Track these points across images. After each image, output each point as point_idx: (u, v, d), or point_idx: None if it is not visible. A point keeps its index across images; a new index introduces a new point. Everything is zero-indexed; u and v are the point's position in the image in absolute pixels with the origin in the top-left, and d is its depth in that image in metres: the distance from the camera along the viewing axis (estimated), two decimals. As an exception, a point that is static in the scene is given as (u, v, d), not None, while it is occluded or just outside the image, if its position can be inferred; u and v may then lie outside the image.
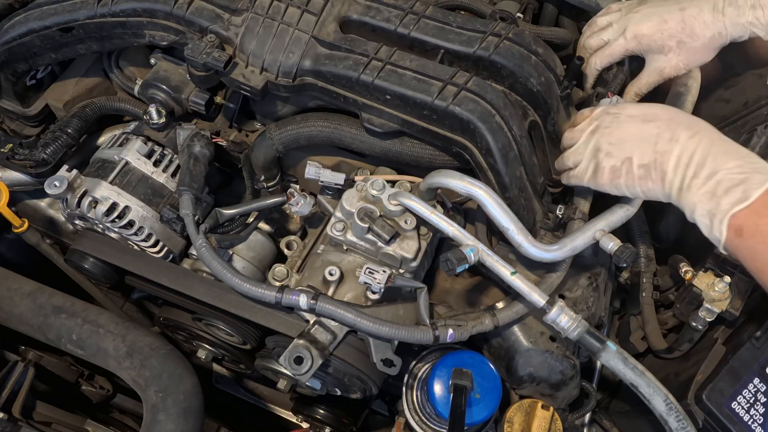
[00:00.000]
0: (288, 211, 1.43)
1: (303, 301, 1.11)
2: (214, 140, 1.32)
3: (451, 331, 1.12)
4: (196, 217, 1.20)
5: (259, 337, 1.35)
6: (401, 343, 1.22)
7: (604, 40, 1.28)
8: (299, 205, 1.22)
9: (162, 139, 1.33)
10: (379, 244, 1.16)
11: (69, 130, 1.35)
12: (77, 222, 1.35)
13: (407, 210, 1.16)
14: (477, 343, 1.33)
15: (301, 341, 1.12)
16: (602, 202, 1.29)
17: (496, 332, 1.25)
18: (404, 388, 1.28)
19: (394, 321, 1.13)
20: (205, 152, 1.26)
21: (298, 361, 1.10)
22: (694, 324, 1.22)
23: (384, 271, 1.11)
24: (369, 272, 1.11)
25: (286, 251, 1.40)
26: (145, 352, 1.20)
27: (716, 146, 1.00)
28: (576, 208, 1.24)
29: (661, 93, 1.65)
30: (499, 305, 1.21)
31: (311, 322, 1.16)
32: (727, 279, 1.20)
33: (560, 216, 1.23)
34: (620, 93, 1.29)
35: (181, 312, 1.39)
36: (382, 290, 1.12)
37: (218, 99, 1.37)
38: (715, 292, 1.19)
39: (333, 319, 1.14)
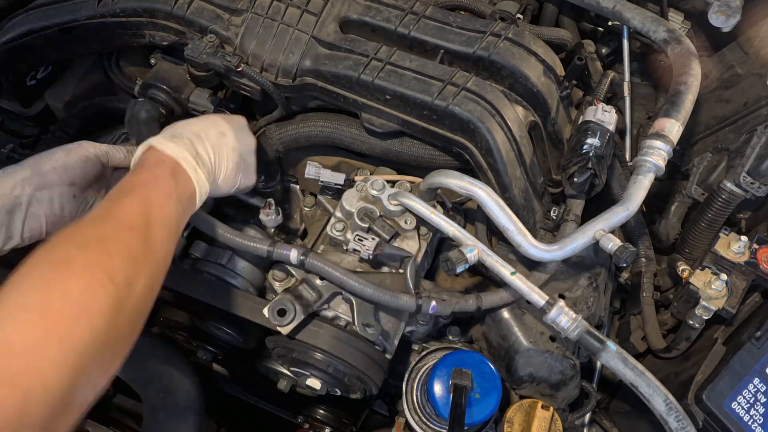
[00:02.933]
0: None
1: (293, 255, 1.13)
2: None
3: (434, 303, 1.12)
4: None
5: (259, 337, 1.35)
6: (401, 341, 1.22)
7: None
8: (267, 217, 1.27)
9: (162, 139, 1.33)
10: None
11: (69, 130, 1.35)
12: (77, 222, 1.35)
13: (407, 210, 1.16)
14: (477, 343, 1.33)
15: (287, 295, 1.13)
16: (600, 202, 1.29)
17: (496, 332, 1.26)
18: (404, 388, 1.28)
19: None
20: None
21: (282, 312, 1.12)
22: (691, 322, 1.23)
23: (373, 239, 1.12)
24: (359, 239, 1.13)
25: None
26: (145, 352, 1.20)
27: None
28: (569, 209, 1.25)
29: (662, 91, 1.65)
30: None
31: (298, 279, 1.17)
32: (724, 277, 1.20)
33: (554, 217, 1.23)
34: (607, 101, 1.29)
35: (181, 312, 1.39)
36: (371, 257, 1.13)
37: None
38: (711, 290, 1.20)
39: (321, 276, 1.15)
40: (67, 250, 0.76)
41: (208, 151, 1.05)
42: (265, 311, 1.13)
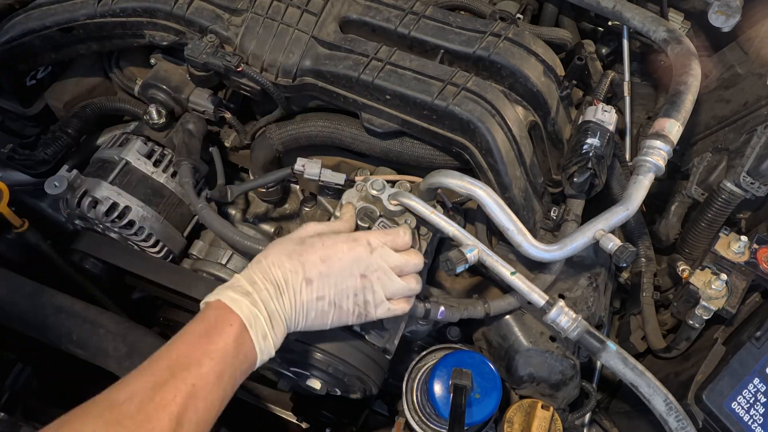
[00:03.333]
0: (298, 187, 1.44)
1: None
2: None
3: (442, 308, 1.13)
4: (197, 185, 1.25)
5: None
6: (401, 341, 1.22)
7: None
8: (305, 167, 1.22)
9: (162, 139, 1.33)
10: None
11: (69, 130, 1.35)
12: (77, 222, 1.35)
13: (407, 210, 1.16)
14: (477, 343, 1.33)
15: None
16: (600, 202, 1.29)
17: (496, 332, 1.26)
18: (404, 388, 1.28)
19: None
20: (198, 127, 1.29)
21: None
22: (691, 322, 1.23)
23: None
24: (383, 226, 1.13)
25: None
26: (145, 352, 1.19)
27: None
28: (569, 209, 1.25)
29: (662, 91, 1.65)
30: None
31: None
32: (724, 277, 1.20)
33: (554, 217, 1.23)
34: (607, 101, 1.29)
35: (181, 312, 1.39)
36: None
37: None
38: (711, 290, 1.20)
39: None
40: (95, 426, 0.77)
41: (285, 310, 0.96)
42: None
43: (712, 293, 1.20)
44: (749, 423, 1.13)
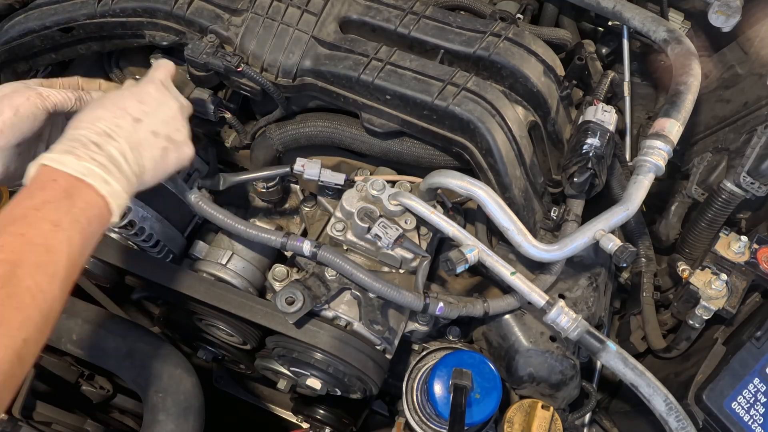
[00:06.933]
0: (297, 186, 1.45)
1: (306, 247, 1.15)
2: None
3: (441, 304, 1.13)
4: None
5: (259, 337, 1.35)
6: (401, 341, 1.22)
7: None
8: (305, 167, 1.22)
9: (162, 139, 1.33)
10: (379, 244, 1.16)
11: (69, 130, 1.35)
12: (77, 222, 1.34)
13: (407, 210, 1.16)
14: (477, 343, 1.33)
15: (297, 284, 1.15)
16: (600, 202, 1.29)
17: (496, 332, 1.26)
18: (404, 388, 1.28)
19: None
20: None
21: (290, 301, 1.14)
22: (691, 322, 1.23)
23: (397, 229, 1.13)
24: (383, 226, 1.13)
25: (286, 252, 1.40)
26: (145, 352, 1.20)
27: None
28: (569, 209, 1.25)
29: (662, 91, 1.65)
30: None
31: (309, 273, 1.20)
32: (724, 277, 1.20)
33: (554, 217, 1.23)
34: (607, 101, 1.29)
35: (181, 312, 1.39)
36: (391, 247, 1.14)
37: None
38: (712, 290, 1.20)
39: (331, 267, 1.17)
40: None
41: (123, 151, 0.91)
42: (275, 297, 1.15)
43: (712, 293, 1.20)
44: (749, 423, 1.13)
